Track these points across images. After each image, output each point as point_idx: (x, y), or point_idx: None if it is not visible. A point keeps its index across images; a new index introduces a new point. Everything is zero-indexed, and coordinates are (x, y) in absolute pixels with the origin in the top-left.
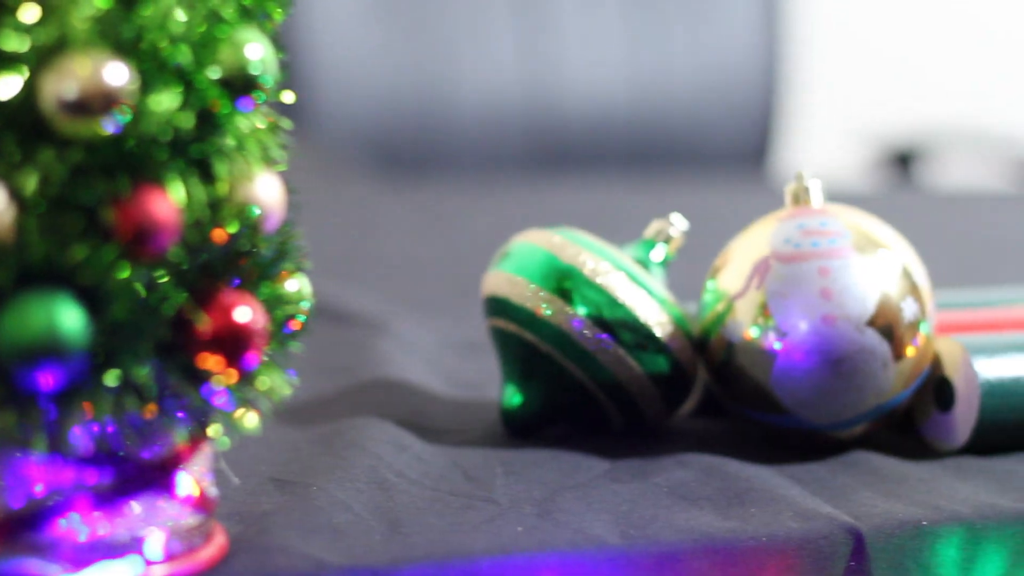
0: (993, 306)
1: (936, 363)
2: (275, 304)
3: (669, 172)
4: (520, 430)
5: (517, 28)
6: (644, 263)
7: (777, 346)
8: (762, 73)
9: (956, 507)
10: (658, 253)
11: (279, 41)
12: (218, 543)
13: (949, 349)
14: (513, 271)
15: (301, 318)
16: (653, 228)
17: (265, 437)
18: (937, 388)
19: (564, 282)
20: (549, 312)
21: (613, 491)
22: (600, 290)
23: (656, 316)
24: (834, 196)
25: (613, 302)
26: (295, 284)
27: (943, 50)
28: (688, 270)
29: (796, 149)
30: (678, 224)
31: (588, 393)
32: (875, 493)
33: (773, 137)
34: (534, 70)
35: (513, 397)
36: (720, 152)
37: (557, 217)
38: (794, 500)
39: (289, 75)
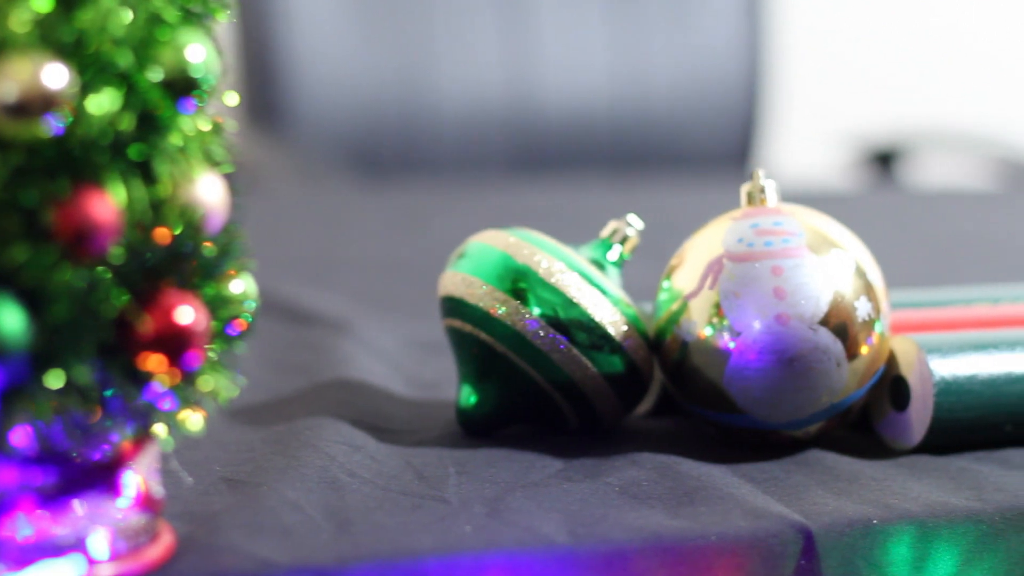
0: (955, 305)
1: (892, 362)
2: (218, 304)
3: (651, 173)
4: (475, 430)
5: (497, 29)
6: (600, 263)
7: (731, 345)
8: (743, 74)
9: (907, 506)
10: (614, 253)
11: (220, 43)
12: (165, 543)
13: (904, 348)
14: (468, 271)
15: (247, 318)
16: (609, 228)
17: (220, 437)
18: (893, 387)
19: (519, 282)
20: (504, 312)
21: (564, 490)
22: (555, 290)
23: (611, 316)
24: (815, 195)
25: (568, 302)
26: (240, 284)
27: (923, 51)
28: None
29: (778, 150)
30: (634, 224)
31: (543, 393)
32: (827, 492)
33: (755, 138)
34: (515, 71)
35: (469, 397)
36: (702, 153)
37: (536, 218)
38: (744, 499)
39: (269, 76)
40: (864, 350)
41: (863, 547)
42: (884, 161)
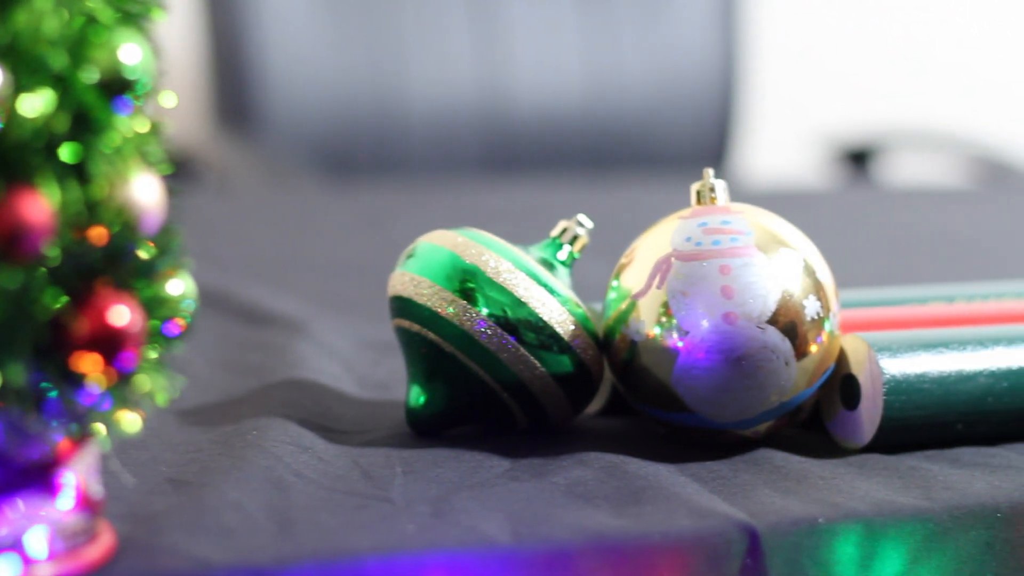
0: (910, 304)
1: (842, 360)
2: (155, 305)
3: (624, 173)
4: (424, 430)
5: (469, 29)
6: (550, 263)
7: (679, 344)
8: (717, 74)
9: (854, 504)
10: (563, 253)
11: (156, 43)
12: (104, 543)
13: (855, 346)
14: (416, 271)
15: (186, 318)
16: (559, 228)
17: (169, 438)
18: (843, 385)
19: (467, 282)
20: (452, 312)
21: (509, 490)
22: (503, 290)
23: (559, 316)
24: (790, 194)
25: (516, 302)
26: (178, 285)
27: (896, 51)
28: None
29: (752, 149)
30: (585, 224)
31: (492, 393)
32: (774, 491)
33: (730, 137)
34: (487, 71)
35: (417, 397)
36: (676, 153)
37: (505, 219)
38: (690, 498)
39: (239, 76)
40: (813, 349)
41: (809, 546)
42: (858, 160)
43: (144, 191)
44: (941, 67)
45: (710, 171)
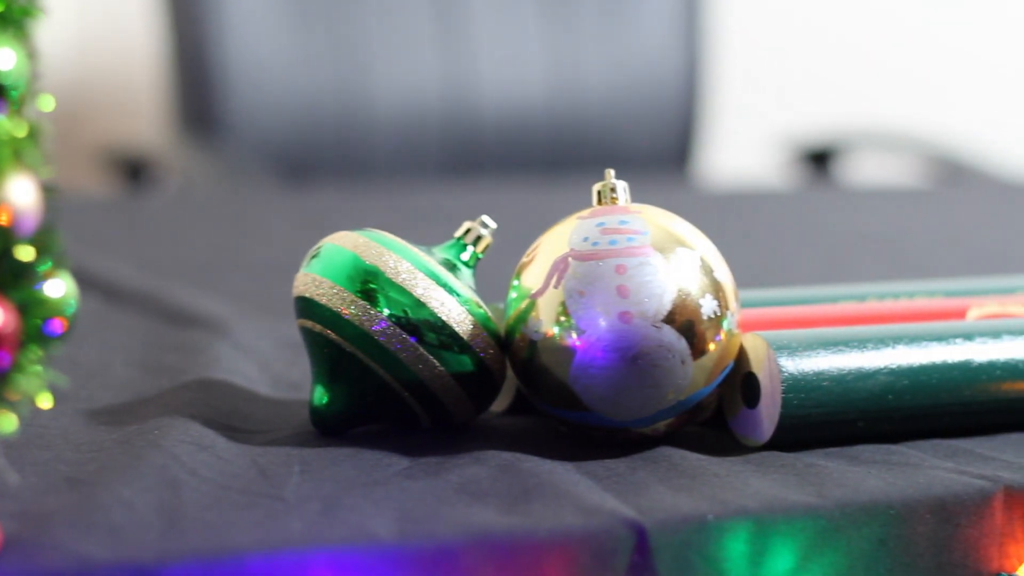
0: (821, 303)
1: (743, 359)
2: (33, 306)
3: (588, 176)
4: (328, 429)
5: (434, 32)
6: (453, 263)
7: (576, 344)
8: (680, 76)
9: (745, 502)
10: (467, 254)
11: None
12: None
13: (754, 345)
14: (319, 272)
15: (68, 319)
16: (462, 229)
17: (74, 437)
18: (744, 384)
19: (368, 283)
20: (353, 313)
21: (403, 488)
22: (402, 291)
23: (458, 316)
24: (750, 194)
25: (415, 303)
26: (59, 285)
27: (856, 54)
28: None
29: (716, 151)
30: (489, 225)
31: (393, 393)
32: (667, 488)
33: (692, 139)
34: (451, 75)
35: (321, 397)
36: (641, 155)
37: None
38: (580, 496)
39: (203, 81)
40: (711, 347)
41: (698, 543)
42: (819, 161)
43: (20, 193)
44: (900, 70)
45: (611, 172)
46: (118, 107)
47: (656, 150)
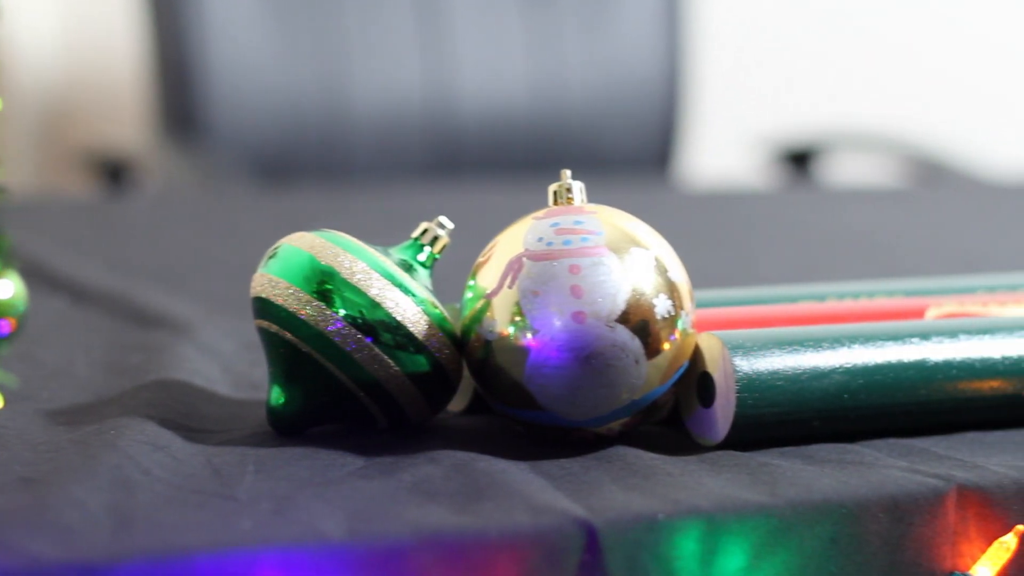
0: (781, 302)
1: (698, 358)
2: None
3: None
4: (285, 429)
5: (415, 32)
6: (410, 264)
7: (530, 343)
8: (662, 78)
9: (696, 501)
10: (423, 254)
11: None
12: None
13: (709, 344)
14: (275, 273)
15: (14, 320)
16: (419, 229)
17: (32, 437)
18: (700, 383)
19: (324, 284)
20: (308, 313)
21: (355, 488)
22: (358, 291)
23: (413, 316)
24: (733, 194)
25: (371, 303)
26: (7, 287)
27: (836, 56)
28: None
29: (697, 151)
30: (446, 225)
31: (349, 393)
32: (620, 487)
33: (675, 140)
34: (432, 75)
35: (278, 397)
36: (622, 156)
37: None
38: (532, 495)
39: (184, 83)
40: (665, 347)
41: (649, 542)
42: (799, 161)
43: None
44: (879, 71)
45: (567, 172)
46: (100, 109)
47: (637, 151)
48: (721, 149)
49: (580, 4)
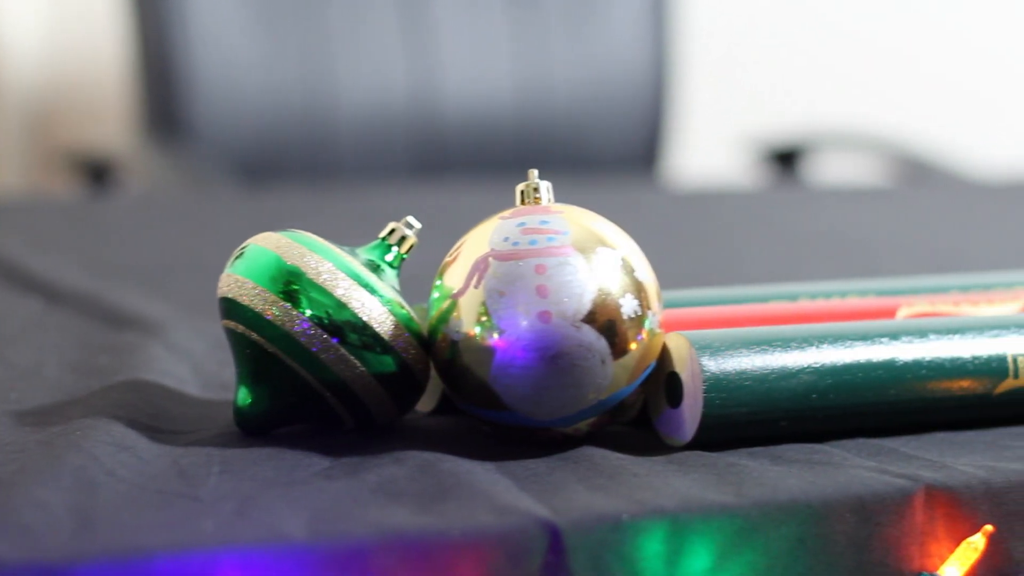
0: (753, 302)
1: (666, 358)
2: None
3: (556, 177)
4: (252, 429)
5: (400, 33)
6: (376, 264)
7: (496, 343)
8: (648, 77)
9: (661, 501)
10: (391, 254)
11: None
12: None
13: (677, 344)
14: (241, 273)
15: None
16: (387, 229)
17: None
18: (668, 383)
19: (291, 284)
20: (275, 313)
21: (319, 488)
22: (324, 292)
23: (380, 316)
24: (719, 194)
25: (337, 304)
26: None
27: (822, 55)
28: None
29: (683, 151)
30: (413, 225)
31: (315, 393)
32: (585, 488)
33: (662, 140)
34: (418, 75)
35: (245, 398)
36: (608, 156)
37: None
38: (496, 496)
39: (168, 83)
40: (632, 347)
41: (613, 542)
42: (786, 160)
43: None
44: (866, 70)
45: (534, 172)
46: (83, 109)
47: (623, 150)
48: (707, 148)
49: (566, 3)
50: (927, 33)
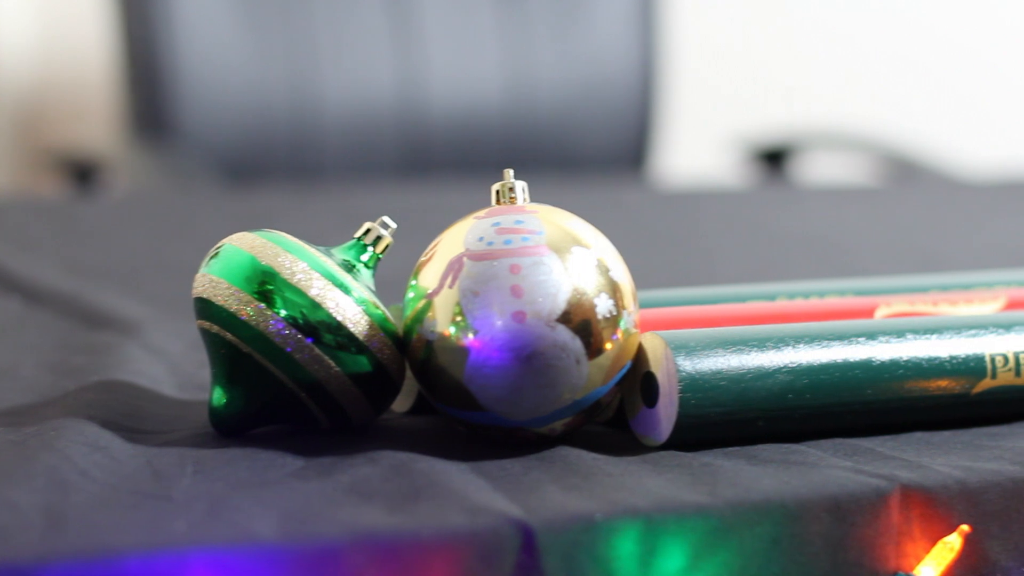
0: (730, 301)
1: (642, 358)
2: None
3: (543, 176)
4: (227, 430)
5: (386, 32)
6: (352, 264)
7: (471, 343)
8: (636, 77)
9: (635, 501)
10: (366, 254)
11: None
12: None
13: (653, 344)
14: (216, 273)
15: None
16: (362, 229)
17: None
18: (644, 383)
19: (265, 284)
20: (249, 313)
21: (291, 488)
22: (298, 292)
23: (354, 316)
24: (707, 193)
25: (312, 304)
26: None
27: (809, 55)
28: None
29: (671, 150)
30: (389, 225)
31: (290, 394)
32: (559, 488)
33: (649, 139)
34: (404, 74)
35: (220, 398)
36: (596, 155)
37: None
38: (469, 496)
39: (154, 83)
40: (608, 347)
41: (586, 542)
42: (773, 160)
43: None
44: (853, 70)
45: (510, 171)
46: (70, 110)
47: (611, 150)
48: (695, 148)
49: (552, 3)
50: (914, 32)
